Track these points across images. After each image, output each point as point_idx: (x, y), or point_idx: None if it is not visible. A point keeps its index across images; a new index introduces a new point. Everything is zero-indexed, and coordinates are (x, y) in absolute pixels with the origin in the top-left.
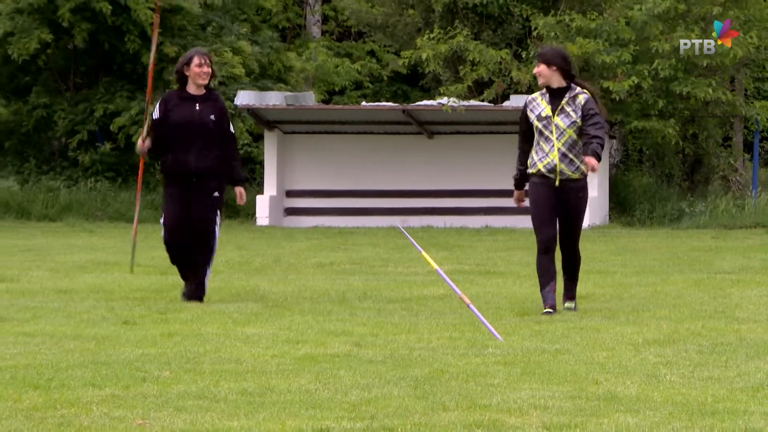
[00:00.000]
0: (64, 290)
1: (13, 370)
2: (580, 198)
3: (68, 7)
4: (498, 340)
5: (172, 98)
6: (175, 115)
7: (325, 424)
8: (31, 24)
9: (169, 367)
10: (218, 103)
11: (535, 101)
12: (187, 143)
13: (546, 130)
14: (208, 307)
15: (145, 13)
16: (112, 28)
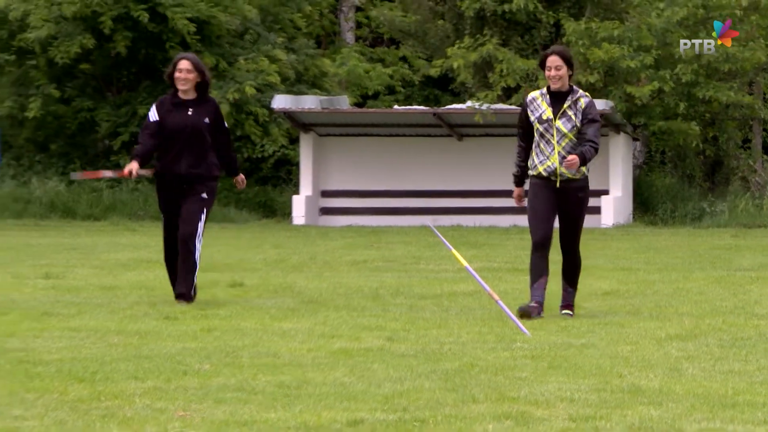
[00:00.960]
0: (108, 287)
1: (59, 363)
2: (581, 198)
3: (110, 15)
4: (526, 335)
5: (166, 103)
6: (169, 121)
7: (359, 415)
8: (74, 29)
9: (209, 361)
10: (212, 105)
11: (535, 102)
12: (180, 149)
13: (547, 134)
14: (247, 303)
15: (182, 22)
16: (152, 36)
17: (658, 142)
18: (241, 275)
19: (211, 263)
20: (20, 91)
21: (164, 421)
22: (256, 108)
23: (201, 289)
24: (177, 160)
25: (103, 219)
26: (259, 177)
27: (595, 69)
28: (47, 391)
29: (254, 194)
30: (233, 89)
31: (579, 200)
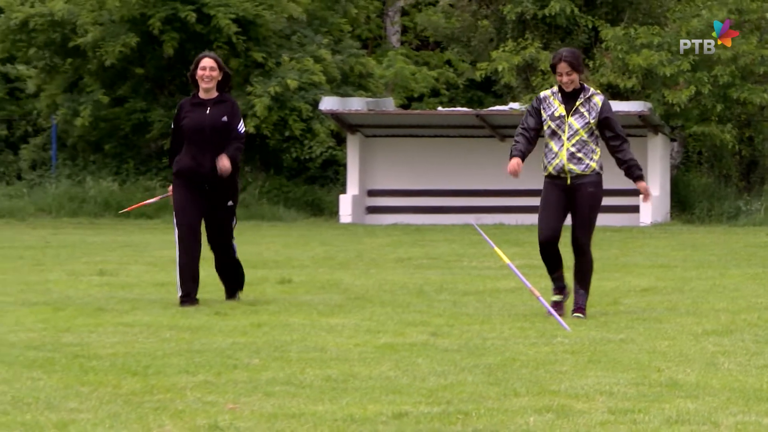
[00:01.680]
0: (161, 283)
1: (113, 357)
2: (592, 193)
3: (159, 17)
4: (566, 330)
5: (186, 105)
6: (188, 121)
7: (404, 408)
8: (120, 30)
9: (258, 355)
10: (229, 104)
11: (548, 100)
12: (201, 148)
13: (559, 130)
14: (295, 299)
15: (225, 22)
16: (199, 36)
17: (695, 143)
18: (289, 272)
19: (261, 260)
20: (73, 97)
21: (215, 414)
22: (300, 104)
23: (250, 285)
24: (199, 160)
25: (155, 217)
26: (308, 177)
27: (633, 73)
28: (101, 384)
29: (302, 193)
30: (275, 83)
31: (590, 195)
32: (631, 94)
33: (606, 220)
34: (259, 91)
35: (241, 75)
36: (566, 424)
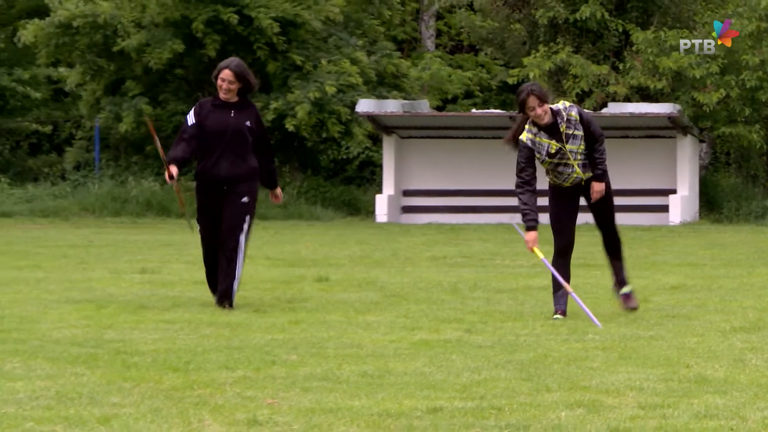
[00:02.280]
0: (201, 281)
1: (155, 353)
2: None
3: (201, 19)
4: (597, 326)
5: (206, 105)
6: (210, 122)
7: (439, 403)
8: (165, 35)
9: (296, 352)
10: (252, 109)
11: (535, 143)
12: (221, 150)
13: (563, 160)
14: (332, 297)
15: (267, 21)
16: (241, 38)
17: (723, 144)
18: (326, 270)
19: (299, 259)
20: (115, 101)
21: (254, 409)
22: (338, 107)
23: (288, 283)
24: (217, 162)
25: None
26: (345, 177)
27: (663, 75)
28: (143, 380)
29: (339, 193)
30: (314, 89)
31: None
32: (660, 96)
33: (636, 220)
34: (299, 96)
35: (279, 77)
36: (597, 419)
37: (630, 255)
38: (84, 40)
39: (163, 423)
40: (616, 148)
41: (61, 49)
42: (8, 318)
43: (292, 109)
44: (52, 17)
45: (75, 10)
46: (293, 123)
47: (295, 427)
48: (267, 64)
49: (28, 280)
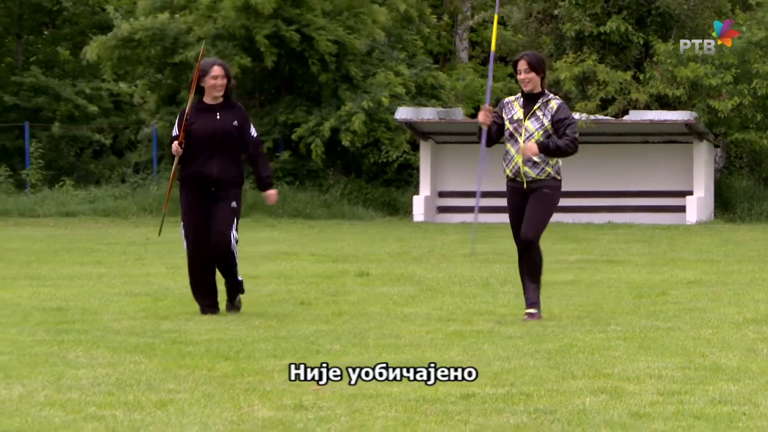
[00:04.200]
0: (251, 276)
1: (208, 343)
2: (545, 194)
3: (263, 33)
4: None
5: (191, 111)
6: (198, 126)
7: (471, 390)
8: (231, 50)
9: (339, 342)
10: (239, 110)
11: (510, 104)
12: (210, 153)
13: (516, 133)
14: (372, 290)
15: (325, 43)
16: (296, 54)
17: (737, 149)
18: (367, 266)
19: (341, 255)
20: (172, 110)
21: (300, 395)
22: (387, 116)
23: (331, 278)
24: (208, 164)
25: (245, 216)
26: (385, 179)
27: (681, 84)
28: (197, 367)
29: (380, 194)
30: (368, 99)
31: (542, 194)
32: (678, 104)
33: (655, 219)
34: (352, 108)
35: (329, 87)
36: (619, 405)
37: (650, 252)
38: (145, 53)
39: (215, 407)
40: (637, 153)
41: (123, 62)
42: (72, 310)
43: (344, 123)
44: (115, 32)
45: (137, 23)
46: (349, 139)
47: (338, 412)
48: (319, 75)
49: (91, 275)
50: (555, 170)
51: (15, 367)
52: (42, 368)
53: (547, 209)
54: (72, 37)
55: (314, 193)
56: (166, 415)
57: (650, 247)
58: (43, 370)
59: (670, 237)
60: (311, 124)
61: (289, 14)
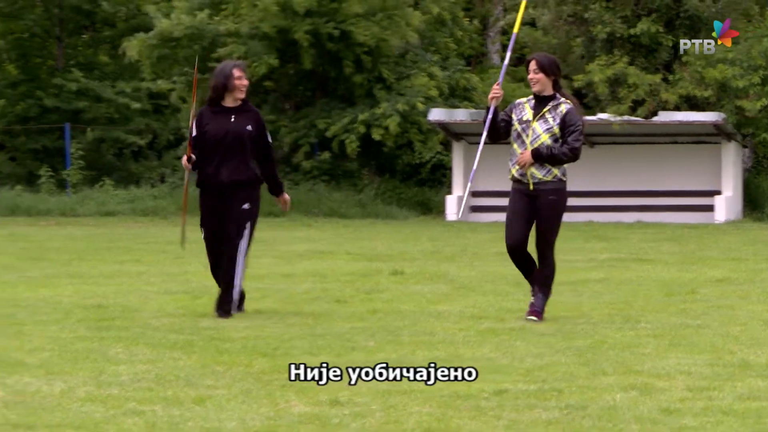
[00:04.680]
0: (287, 274)
1: (245, 340)
2: (552, 201)
3: (303, 30)
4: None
5: (206, 113)
6: (211, 128)
7: (504, 386)
8: (261, 49)
9: (374, 339)
10: (255, 114)
11: (521, 105)
12: (223, 155)
13: (523, 134)
14: (406, 288)
15: (363, 37)
16: (331, 55)
17: (765, 149)
18: (401, 264)
19: (376, 254)
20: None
21: (335, 390)
22: (420, 118)
23: (366, 276)
24: (218, 169)
25: (282, 215)
26: (418, 179)
27: (709, 86)
28: (234, 364)
29: (413, 194)
30: (402, 102)
31: (550, 204)
32: (706, 105)
33: (684, 218)
34: (387, 109)
35: (364, 88)
36: (649, 401)
37: (679, 251)
38: (183, 52)
39: (252, 403)
40: (666, 153)
41: (162, 62)
42: (112, 307)
43: (377, 120)
44: (155, 31)
45: (175, 22)
46: (380, 134)
47: (373, 407)
48: (353, 76)
49: (130, 273)
50: (561, 172)
51: (56, 364)
52: (83, 364)
53: (556, 219)
54: (111, 40)
55: (349, 193)
56: (205, 410)
57: (679, 245)
58: (84, 367)
59: (699, 236)
60: (345, 120)
61: (326, 10)
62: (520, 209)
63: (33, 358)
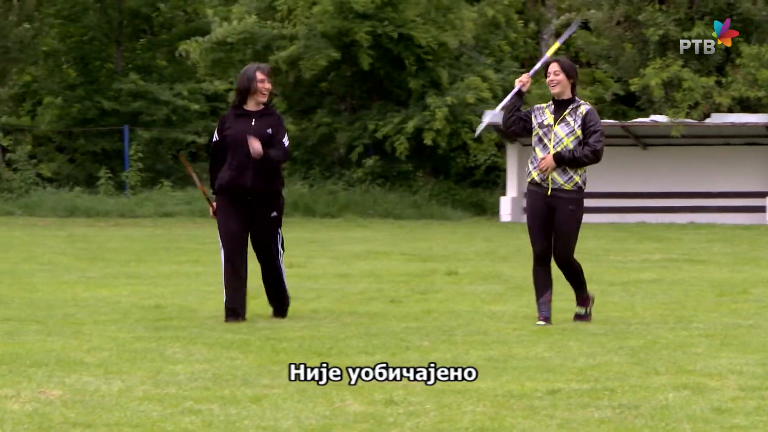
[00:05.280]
0: (342, 274)
1: (301, 340)
2: (571, 212)
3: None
4: None
5: (229, 117)
6: (232, 132)
7: (557, 385)
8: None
9: (428, 338)
10: (275, 117)
11: (540, 110)
12: (244, 161)
13: (545, 138)
14: (460, 289)
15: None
16: (390, 55)
17: None
18: (455, 265)
19: (431, 254)
20: None
21: (390, 390)
22: (470, 116)
23: (421, 277)
24: (241, 173)
25: (338, 216)
26: (472, 181)
27: (762, 87)
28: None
29: (467, 195)
30: (452, 96)
31: (569, 214)
32: (759, 107)
33: (735, 219)
34: (437, 102)
35: (418, 93)
36: (701, 400)
37: (731, 251)
38: (238, 55)
39: (308, 402)
40: (719, 155)
41: (217, 65)
42: (170, 307)
43: (427, 123)
44: (211, 35)
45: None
46: (431, 137)
47: (427, 407)
48: (409, 79)
49: (188, 274)
50: (582, 179)
51: (115, 363)
52: (141, 364)
53: (575, 228)
54: (169, 44)
55: (404, 195)
56: (261, 409)
57: (732, 246)
58: (142, 366)
59: (751, 237)
60: (396, 121)
61: (385, 14)
62: (541, 216)
63: (92, 357)
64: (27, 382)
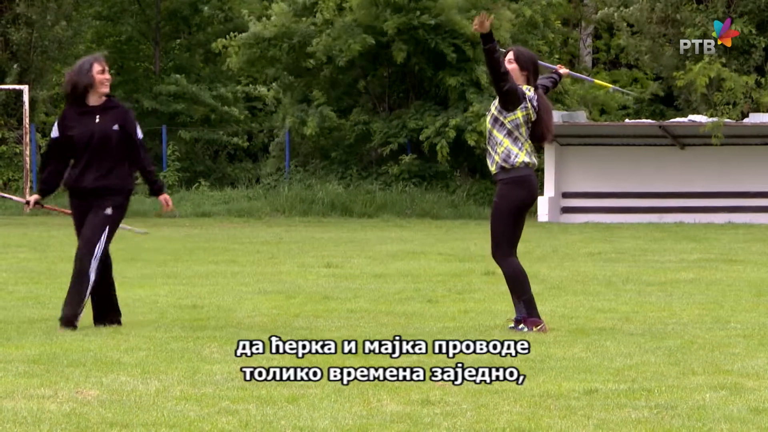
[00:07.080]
0: (379, 274)
1: (338, 340)
2: (494, 203)
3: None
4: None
5: (70, 114)
6: (75, 132)
7: (594, 385)
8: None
9: (465, 338)
10: (121, 110)
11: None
12: (88, 160)
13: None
14: (497, 288)
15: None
16: (427, 48)
17: None
18: (492, 265)
19: (468, 254)
20: (302, 108)
21: (427, 390)
22: None
23: (458, 276)
24: (83, 173)
25: (375, 216)
26: None
27: None
28: (327, 363)
29: None
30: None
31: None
32: None
33: None
34: (480, 109)
35: (457, 91)
36: (739, 400)
37: None
38: (273, 51)
39: (345, 402)
40: (757, 154)
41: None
42: (207, 307)
43: (470, 124)
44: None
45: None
46: (474, 139)
47: (464, 407)
48: (447, 79)
49: (225, 273)
50: (503, 158)
51: (152, 363)
52: (178, 364)
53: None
54: (206, 44)
55: (441, 194)
56: (298, 409)
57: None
58: (179, 366)
59: None
60: (438, 124)
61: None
62: None
63: (129, 357)
64: (64, 382)
